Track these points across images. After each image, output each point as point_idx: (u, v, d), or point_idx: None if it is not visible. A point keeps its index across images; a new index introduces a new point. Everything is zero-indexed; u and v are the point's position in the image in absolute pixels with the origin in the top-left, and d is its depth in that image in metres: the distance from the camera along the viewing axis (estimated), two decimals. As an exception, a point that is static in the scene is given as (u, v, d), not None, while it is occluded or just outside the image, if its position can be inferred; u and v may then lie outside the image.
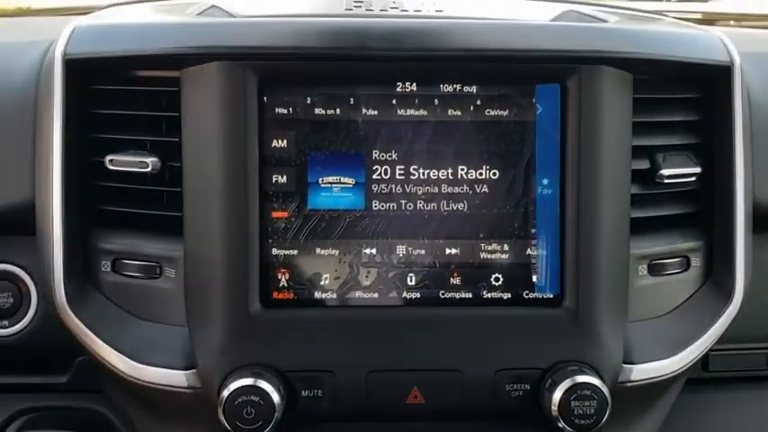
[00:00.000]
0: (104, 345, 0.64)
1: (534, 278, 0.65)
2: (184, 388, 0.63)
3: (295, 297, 0.64)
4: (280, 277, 0.64)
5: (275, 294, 0.64)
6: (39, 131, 0.69)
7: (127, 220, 0.68)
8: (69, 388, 0.76)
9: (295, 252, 0.64)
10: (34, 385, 0.76)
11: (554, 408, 0.61)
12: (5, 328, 0.75)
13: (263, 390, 0.59)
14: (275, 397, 0.59)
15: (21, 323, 0.75)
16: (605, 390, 0.62)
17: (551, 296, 0.65)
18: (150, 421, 0.70)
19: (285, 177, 0.64)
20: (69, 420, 0.74)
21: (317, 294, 0.64)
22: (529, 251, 0.65)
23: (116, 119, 0.67)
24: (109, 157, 0.66)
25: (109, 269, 0.67)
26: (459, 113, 0.64)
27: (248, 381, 0.60)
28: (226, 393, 0.59)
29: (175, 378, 0.63)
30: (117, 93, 0.67)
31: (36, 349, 0.75)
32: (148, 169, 0.66)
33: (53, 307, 0.67)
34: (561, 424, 0.61)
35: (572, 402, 0.61)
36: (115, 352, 0.64)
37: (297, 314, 0.63)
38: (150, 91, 0.67)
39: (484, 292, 0.65)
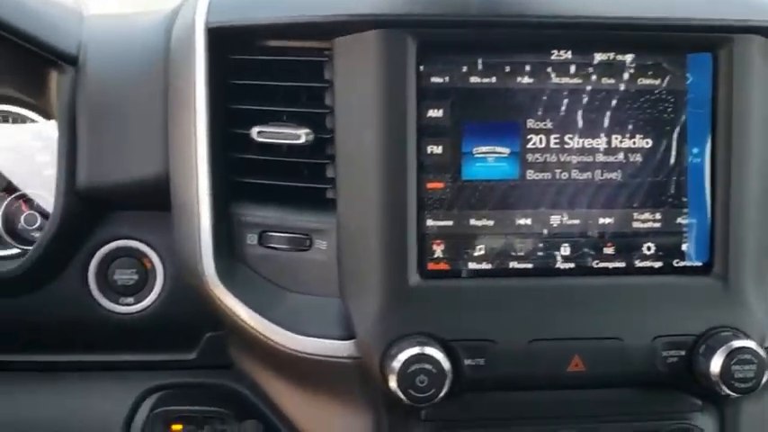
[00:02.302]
0: (260, 317, 0.64)
1: (684, 246, 0.65)
2: (344, 358, 0.63)
3: (450, 268, 0.64)
4: (435, 248, 0.64)
5: (431, 265, 0.63)
6: (175, 104, 0.68)
7: (271, 193, 0.67)
8: (197, 364, 0.76)
9: (450, 223, 0.64)
10: (163, 363, 0.75)
11: (714, 373, 0.62)
12: (131, 305, 0.74)
13: (434, 358, 0.59)
14: (446, 364, 0.60)
15: (146, 300, 0.75)
16: (762, 353, 0.62)
17: (700, 264, 0.65)
18: (293, 394, 0.69)
19: (440, 148, 0.63)
20: (200, 397, 0.73)
21: (473, 265, 0.64)
22: (680, 220, 0.65)
23: (258, 90, 0.66)
24: (257, 129, 0.66)
25: (255, 242, 0.67)
26: (613, 82, 0.64)
27: (417, 349, 0.60)
28: (396, 362, 0.59)
29: (335, 348, 0.63)
30: (259, 63, 0.66)
31: (162, 326, 0.75)
32: (299, 141, 0.66)
33: (196, 281, 0.66)
34: (722, 388, 0.62)
35: (733, 367, 0.61)
36: (271, 324, 0.64)
37: (454, 284, 0.63)
38: (295, 61, 0.65)
39: (636, 261, 0.65)
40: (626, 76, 0.64)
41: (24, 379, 0.72)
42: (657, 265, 0.65)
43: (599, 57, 0.63)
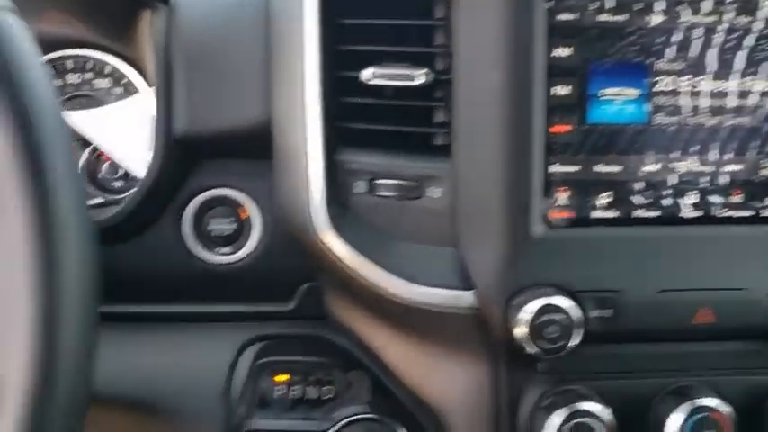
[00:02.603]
0: (373, 266, 0.62)
1: (813, 195, 0.64)
2: (461, 309, 0.61)
3: (575, 216, 0.61)
4: (560, 195, 0.61)
5: (555, 213, 0.61)
6: (280, 45, 0.65)
7: (378, 139, 0.64)
8: (294, 315, 0.75)
9: (575, 168, 0.61)
10: (259, 314, 0.74)
11: None
12: (229, 254, 0.73)
13: (564, 308, 0.57)
14: (577, 314, 0.58)
15: (243, 250, 0.73)
16: None
17: (828, 214, 0.64)
18: (398, 345, 0.68)
19: (566, 89, 0.60)
20: (299, 348, 0.72)
21: (598, 213, 0.61)
22: (810, 168, 0.64)
23: (369, 29, 0.63)
24: (370, 70, 0.63)
25: (363, 190, 0.65)
26: (749, 20, 0.60)
27: (546, 300, 0.58)
28: (524, 313, 0.57)
29: (452, 299, 0.61)
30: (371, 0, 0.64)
31: (259, 277, 0.73)
32: (415, 82, 0.63)
33: (303, 231, 0.64)
34: None
35: None
36: (385, 273, 0.62)
37: (579, 233, 0.61)
38: (409, -2, 0.63)
39: (763, 211, 0.63)
40: (763, 13, 0.61)
41: (126, 330, 0.72)
42: (786, 214, 0.64)
43: (734, -6, 0.61)
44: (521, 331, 0.58)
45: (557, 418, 0.60)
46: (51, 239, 0.42)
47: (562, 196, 0.62)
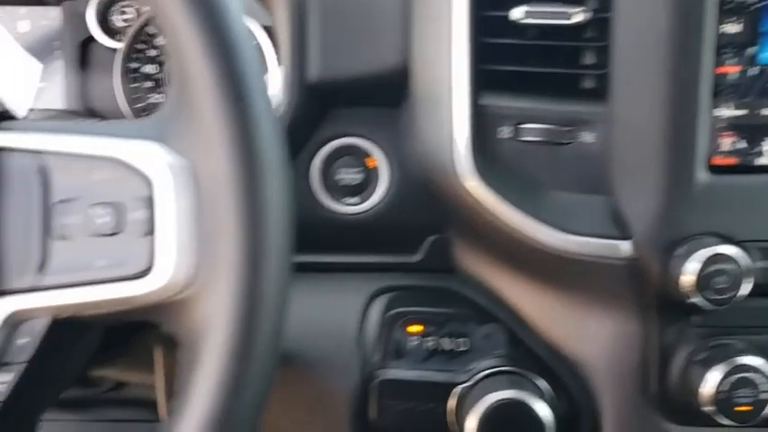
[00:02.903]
0: (522, 215, 0.60)
1: None
2: (617, 259, 0.59)
3: (740, 162, 0.58)
4: (724, 141, 0.58)
5: (719, 159, 0.58)
6: None
7: (525, 82, 0.61)
8: (421, 267, 0.73)
9: (741, 112, 0.57)
10: (386, 265, 0.73)
11: None
12: (356, 205, 0.72)
13: (734, 258, 0.55)
14: (746, 264, 0.55)
15: (370, 200, 0.71)
16: None
17: None
18: (538, 298, 0.66)
19: (737, 26, 0.57)
20: (429, 299, 0.70)
21: (763, 160, 0.58)
22: None
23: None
24: (522, 9, 0.60)
25: (508, 135, 0.62)
26: None
27: (714, 249, 0.56)
28: (692, 263, 0.55)
29: (608, 248, 0.58)
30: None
31: (386, 228, 0.72)
32: (571, 21, 0.60)
33: (445, 178, 0.62)
34: None
35: None
36: (536, 222, 0.59)
37: (744, 180, 0.58)
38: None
39: None
40: None
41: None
42: None
43: None
44: (687, 281, 0.55)
45: (716, 373, 0.58)
46: (256, 178, 0.41)
47: (726, 141, 0.58)
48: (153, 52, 0.77)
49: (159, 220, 0.41)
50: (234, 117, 0.40)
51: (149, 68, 0.77)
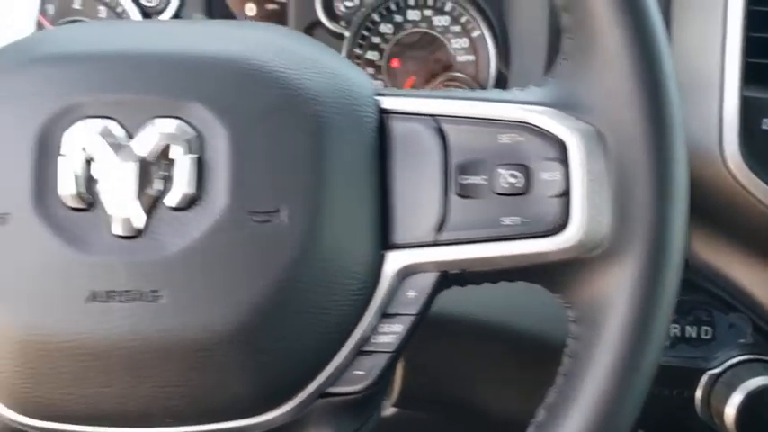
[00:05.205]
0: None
1: None
2: None
3: None
4: None
5: None
6: None
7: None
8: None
9: None
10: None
11: None
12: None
13: None
14: None
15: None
16: None
17: None
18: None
19: None
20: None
21: None
22: None
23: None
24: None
25: (770, 126, 0.65)
26: None
27: None
28: None
29: None
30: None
31: None
32: None
33: (708, 168, 0.64)
34: None
35: None
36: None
37: None
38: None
39: None
40: None
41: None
42: None
43: None
44: None
45: None
46: (669, 146, 0.41)
47: None
48: (376, 39, 0.79)
49: (574, 181, 0.42)
50: (648, 83, 0.41)
51: (371, 55, 0.79)
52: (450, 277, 0.44)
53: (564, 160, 0.41)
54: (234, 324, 0.39)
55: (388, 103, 0.43)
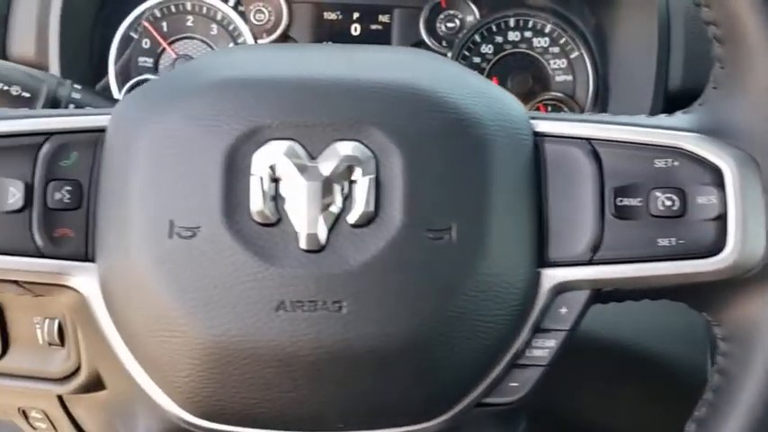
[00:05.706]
0: None
1: None
2: None
3: None
4: None
5: None
6: None
7: None
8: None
9: None
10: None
11: None
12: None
13: None
14: None
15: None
16: None
17: None
18: None
19: None
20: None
21: None
22: None
23: None
24: None
25: None
26: None
27: None
28: None
29: None
30: None
31: None
32: None
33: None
34: None
35: None
36: None
37: None
38: None
39: None
40: None
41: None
42: None
43: None
44: None
45: None
46: None
47: None
48: (477, 59, 0.81)
49: (730, 205, 0.43)
50: None
51: (472, 74, 0.82)
52: (602, 295, 0.46)
53: (720, 185, 0.43)
54: (410, 334, 0.41)
55: (542, 126, 0.46)
